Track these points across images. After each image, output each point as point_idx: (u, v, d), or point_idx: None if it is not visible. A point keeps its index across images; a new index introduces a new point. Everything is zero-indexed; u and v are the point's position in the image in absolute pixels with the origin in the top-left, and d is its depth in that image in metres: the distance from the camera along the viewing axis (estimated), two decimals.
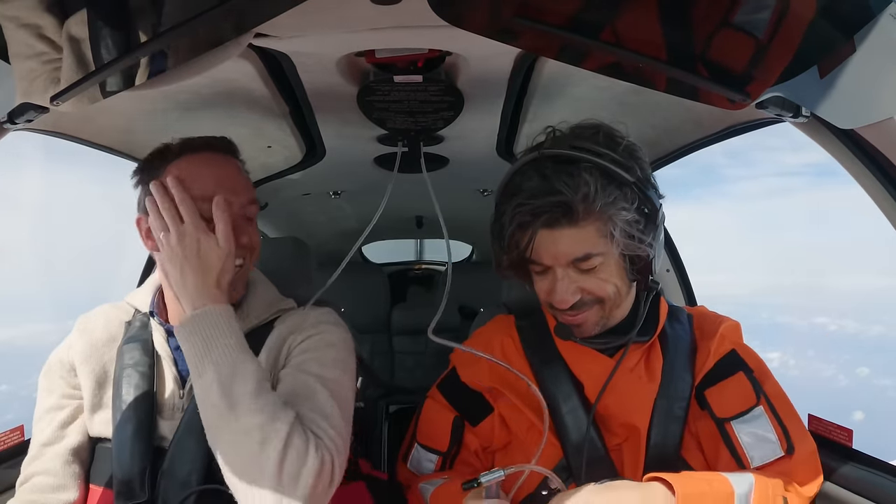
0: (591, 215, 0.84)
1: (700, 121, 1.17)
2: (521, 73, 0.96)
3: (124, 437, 0.89)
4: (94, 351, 0.97)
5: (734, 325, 0.98)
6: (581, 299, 0.88)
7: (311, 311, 1.00)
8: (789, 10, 0.59)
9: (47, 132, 1.06)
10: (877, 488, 0.91)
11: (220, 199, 0.86)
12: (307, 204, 2.02)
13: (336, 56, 0.87)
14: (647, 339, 0.94)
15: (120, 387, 0.92)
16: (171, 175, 0.88)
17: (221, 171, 0.92)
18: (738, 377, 0.90)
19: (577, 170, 0.83)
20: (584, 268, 0.87)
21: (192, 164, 0.90)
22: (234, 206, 0.90)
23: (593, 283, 0.87)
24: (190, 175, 0.89)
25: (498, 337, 1.03)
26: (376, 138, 1.29)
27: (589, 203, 0.82)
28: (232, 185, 0.91)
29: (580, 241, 0.85)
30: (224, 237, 0.85)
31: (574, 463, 0.90)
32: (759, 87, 0.66)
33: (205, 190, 0.88)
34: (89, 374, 0.95)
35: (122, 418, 0.90)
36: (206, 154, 0.92)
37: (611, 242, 0.84)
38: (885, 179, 0.82)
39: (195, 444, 0.87)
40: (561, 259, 0.87)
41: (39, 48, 0.65)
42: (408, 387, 2.59)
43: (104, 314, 1.03)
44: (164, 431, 0.91)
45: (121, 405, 0.91)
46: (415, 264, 3.42)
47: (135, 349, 0.96)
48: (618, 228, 0.84)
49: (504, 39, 0.63)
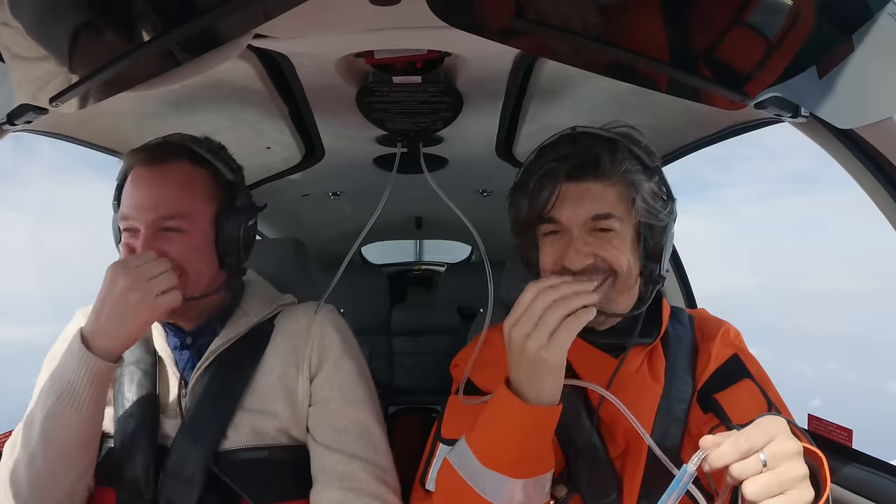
0: (615, 175, 0.84)
1: (699, 121, 1.18)
2: (521, 73, 0.96)
3: (127, 434, 0.89)
4: None
5: (735, 330, 0.98)
6: (594, 264, 0.85)
7: (315, 315, 1.00)
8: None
9: (47, 133, 1.06)
10: (877, 488, 0.91)
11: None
12: (306, 205, 2.02)
13: (335, 57, 0.87)
14: (650, 340, 0.93)
15: (122, 383, 0.93)
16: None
17: (141, 190, 0.91)
18: (747, 384, 0.90)
19: (607, 139, 0.87)
20: (601, 227, 0.85)
21: (129, 182, 0.93)
22: (146, 222, 0.89)
23: (608, 250, 0.86)
24: (125, 194, 0.92)
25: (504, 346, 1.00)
26: (375, 139, 1.29)
27: (616, 161, 0.84)
28: (148, 200, 0.90)
29: (603, 199, 0.85)
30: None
31: (574, 463, 0.89)
32: (758, 88, 0.66)
33: (125, 208, 0.91)
34: None
35: (124, 415, 0.91)
36: (138, 170, 0.92)
37: (631, 209, 0.85)
38: (884, 179, 0.82)
39: (199, 443, 0.88)
40: (580, 215, 0.85)
41: (38, 49, 0.65)
42: (407, 387, 2.59)
43: None
44: (168, 430, 0.91)
45: (123, 402, 0.92)
46: (414, 265, 3.42)
47: (136, 346, 0.96)
48: (639, 196, 0.85)
49: (503, 40, 0.63)
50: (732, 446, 0.62)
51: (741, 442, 0.62)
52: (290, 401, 0.94)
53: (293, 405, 0.94)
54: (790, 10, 0.58)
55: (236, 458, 0.89)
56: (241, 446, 0.90)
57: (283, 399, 0.94)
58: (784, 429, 0.63)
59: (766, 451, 0.61)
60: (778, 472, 0.60)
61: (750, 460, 0.61)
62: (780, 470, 0.60)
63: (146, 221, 0.89)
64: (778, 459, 0.61)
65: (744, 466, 0.61)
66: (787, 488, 0.60)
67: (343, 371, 0.97)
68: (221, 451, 0.89)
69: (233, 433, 0.90)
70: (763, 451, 0.61)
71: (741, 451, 0.61)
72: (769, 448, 0.61)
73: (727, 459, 0.61)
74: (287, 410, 0.93)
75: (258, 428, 0.91)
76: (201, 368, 0.94)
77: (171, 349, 0.97)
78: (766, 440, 0.62)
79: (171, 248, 0.90)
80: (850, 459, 0.97)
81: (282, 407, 0.93)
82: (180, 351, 0.97)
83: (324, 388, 0.96)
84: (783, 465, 0.60)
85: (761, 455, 0.61)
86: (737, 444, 0.62)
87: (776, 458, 0.61)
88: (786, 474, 0.60)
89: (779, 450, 0.61)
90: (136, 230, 0.90)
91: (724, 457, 0.61)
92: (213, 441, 0.89)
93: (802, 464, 0.61)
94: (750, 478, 0.60)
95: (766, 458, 0.60)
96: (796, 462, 0.61)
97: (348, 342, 1.01)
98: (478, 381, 0.96)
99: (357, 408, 0.96)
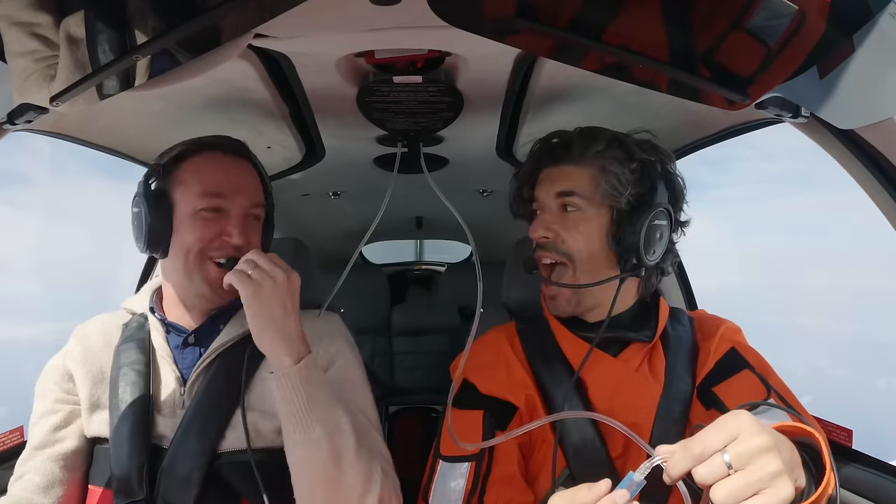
0: (586, 158, 0.92)
1: (700, 121, 1.18)
2: (521, 73, 0.96)
3: (121, 435, 0.88)
4: (90, 355, 0.97)
5: (734, 326, 0.98)
6: (552, 242, 0.93)
7: (315, 319, 1.00)
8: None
9: (47, 133, 1.06)
10: (877, 488, 0.91)
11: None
12: (307, 205, 2.02)
13: (336, 57, 0.87)
14: (649, 339, 0.94)
15: (117, 386, 0.92)
16: (187, 171, 0.92)
17: (230, 171, 0.94)
18: (745, 374, 0.90)
19: (589, 130, 0.97)
20: (566, 205, 0.93)
21: (203, 162, 0.94)
22: (241, 206, 0.92)
23: (568, 230, 0.92)
24: (199, 172, 0.92)
25: (504, 346, 1.00)
26: (376, 139, 1.29)
27: (587, 144, 0.93)
28: (240, 184, 0.94)
29: (571, 179, 0.93)
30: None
31: (574, 464, 0.89)
32: (760, 90, 0.66)
33: (214, 186, 0.91)
34: (86, 377, 0.94)
35: (119, 416, 0.90)
36: (216, 154, 0.95)
37: (597, 192, 0.91)
38: (884, 180, 0.82)
39: (198, 442, 0.87)
40: (549, 191, 0.94)
41: (39, 49, 0.65)
42: (408, 387, 2.59)
43: (101, 322, 1.03)
44: (163, 429, 0.90)
45: (118, 403, 0.91)
46: (414, 265, 3.42)
47: (131, 349, 0.95)
48: (605, 178, 0.91)
49: (503, 40, 0.63)
50: (683, 452, 0.57)
51: (692, 446, 0.57)
52: None
53: None
54: (795, 14, 0.58)
55: (236, 459, 0.88)
56: (240, 447, 0.89)
57: None
58: (749, 424, 0.57)
59: (730, 451, 0.55)
60: (746, 472, 0.55)
61: (711, 463, 0.56)
62: (748, 470, 0.55)
63: (241, 205, 0.92)
64: (744, 458, 0.55)
65: (706, 471, 0.55)
66: (760, 488, 0.54)
67: (343, 377, 0.95)
68: (221, 451, 0.89)
69: (231, 433, 0.89)
70: (726, 451, 0.56)
71: (694, 456, 0.56)
72: (733, 447, 0.56)
73: (682, 466, 0.57)
74: None
75: (258, 428, 0.90)
76: (202, 367, 0.93)
77: (170, 347, 0.96)
78: (724, 439, 0.56)
79: (255, 236, 0.94)
80: (850, 459, 0.97)
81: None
82: (181, 350, 0.96)
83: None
84: (752, 463, 0.55)
85: (725, 456, 0.55)
86: (688, 448, 0.57)
87: (742, 457, 0.55)
88: (755, 473, 0.54)
89: (744, 448, 0.55)
90: (225, 211, 0.91)
91: (679, 464, 0.57)
92: (213, 440, 0.88)
93: (775, 459, 0.55)
94: (716, 483, 0.55)
95: (730, 458, 0.55)
96: (767, 458, 0.55)
97: (351, 351, 1.00)
98: (479, 385, 0.95)
99: (365, 414, 0.93)
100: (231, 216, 0.92)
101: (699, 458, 0.56)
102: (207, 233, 0.90)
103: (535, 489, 0.90)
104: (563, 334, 0.97)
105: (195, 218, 0.91)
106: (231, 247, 0.91)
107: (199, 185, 0.91)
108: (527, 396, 0.92)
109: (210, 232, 0.91)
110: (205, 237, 0.90)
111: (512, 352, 0.98)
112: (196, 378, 0.93)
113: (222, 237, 0.91)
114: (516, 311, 1.30)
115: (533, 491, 0.89)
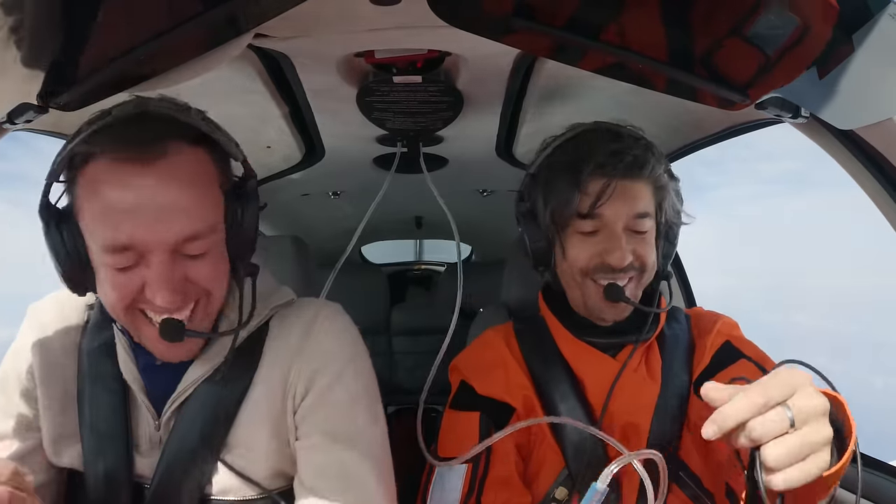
0: (653, 176, 0.88)
1: (699, 121, 1.18)
2: (521, 73, 0.96)
3: (98, 473, 0.75)
4: (51, 369, 0.78)
5: (730, 321, 0.98)
6: (631, 264, 0.89)
7: (315, 318, 0.82)
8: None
9: (47, 132, 1.06)
10: (877, 488, 0.91)
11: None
12: (306, 204, 2.02)
13: (335, 56, 0.87)
14: (647, 338, 0.94)
15: (85, 409, 0.76)
16: (83, 198, 0.65)
17: (141, 191, 0.64)
18: (742, 363, 0.89)
19: (640, 140, 0.91)
20: (639, 228, 0.88)
21: (100, 181, 0.64)
22: (162, 248, 0.65)
23: (643, 247, 0.89)
24: (94, 202, 0.64)
25: (502, 347, 0.99)
26: (376, 139, 1.29)
27: (653, 163, 0.88)
28: (156, 212, 0.64)
29: (645, 198, 0.88)
30: None
31: (574, 464, 0.89)
32: (761, 91, 0.66)
33: (114, 234, 0.64)
34: (50, 405, 0.78)
35: (92, 451, 0.75)
36: (118, 161, 0.64)
37: (660, 210, 0.90)
38: (884, 180, 0.82)
39: (184, 480, 0.74)
40: (625, 213, 0.87)
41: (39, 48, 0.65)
42: (407, 387, 2.59)
43: (58, 305, 0.82)
44: (142, 468, 0.75)
45: (90, 436, 0.75)
46: (414, 265, 3.42)
47: (98, 354, 0.77)
48: (668, 198, 0.90)
49: (503, 40, 0.63)
50: (745, 399, 0.50)
51: (753, 395, 0.50)
52: (278, 435, 0.77)
53: (280, 439, 0.77)
54: (798, 24, 0.57)
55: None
56: (230, 497, 0.75)
57: (271, 435, 0.76)
58: (808, 381, 0.52)
59: (793, 407, 0.49)
60: (804, 433, 0.49)
61: (775, 417, 0.49)
62: (805, 431, 0.49)
63: (162, 247, 0.65)
64: (805, 417, 0.49)
65: (768, 425, 0.49)
66: (811, 452, 0.49)
67: (332, 401, 0.77)
68: (210, 498, 0.75)
69: (219, 479, 0.75)
70: (788, 406, 0.50)
71: (757, 406, 0.50)
72: (793, 402, 0.50)
73: (740, 415, 0.50)
74: (273, 444, 0.76)
75: (248, 473, 0.76)
76: (176, 402, 0.75)
77: (138, 370, 0.76)
78: (786, 393, 0.50)
79: (200, 271, 0.69)
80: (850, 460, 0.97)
81: (270, 443, 0.76)
82: (151, 375, 0.76)
83: (305, 422, 0.76)
84: (809, 424, 0.49)
85: (787, 412, 0.49)
86: (749, 396, 0.50)
87: (803, 415, 0.49)
88: (811, 436, 0.49)
89: (807, 405, 0.49)
90: (144, 257, 0.66)
91: (736, 412, 0.50)
92: (200, 485, 0.75)
93: (827, 423, 0.50)
94: (774, 440, 0.49)
95: (793, 414, 0.49)
96: (823, 421, 0.50)
97: (352, 356, 0.81)
98: (478, 386, 0.94)
99: (344, 451, 0.74)
100: (151, 264, 0.65)
101: (761, 409, 0.50)
102: (125, 291, 0.67)
103: (534, 490, 0.90)
104: (561, 335, 0.97)
105: (106, 270, 0.67)
106: (160, 309, 0.68)
107: (98, 230, 0.65)
108: (524, 397, 0.92)
109: (128, 290, 0.67)
110: (125, 296, 0.67)
111: (510, 352, 0.98)
112: (172, 413, 0.76)
113: (145, 293, 0.67)
114: (516, 310, 1.30)
115: (532, 492, 0.89)
